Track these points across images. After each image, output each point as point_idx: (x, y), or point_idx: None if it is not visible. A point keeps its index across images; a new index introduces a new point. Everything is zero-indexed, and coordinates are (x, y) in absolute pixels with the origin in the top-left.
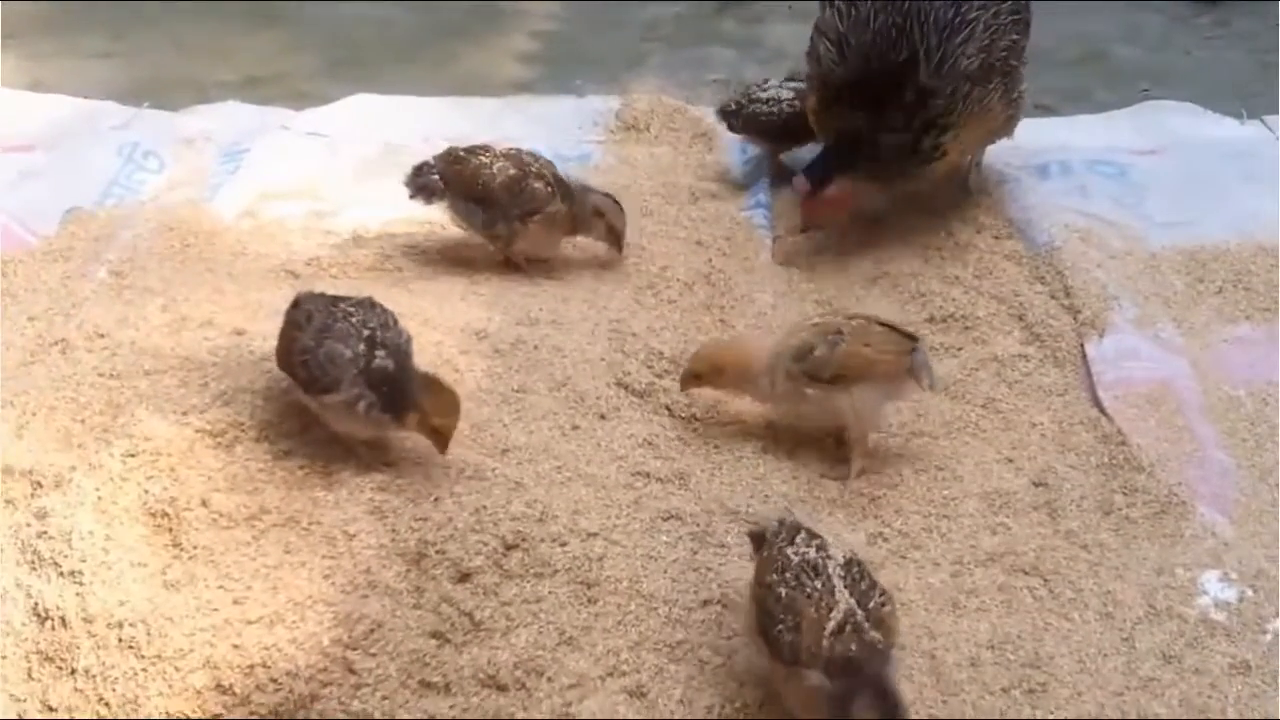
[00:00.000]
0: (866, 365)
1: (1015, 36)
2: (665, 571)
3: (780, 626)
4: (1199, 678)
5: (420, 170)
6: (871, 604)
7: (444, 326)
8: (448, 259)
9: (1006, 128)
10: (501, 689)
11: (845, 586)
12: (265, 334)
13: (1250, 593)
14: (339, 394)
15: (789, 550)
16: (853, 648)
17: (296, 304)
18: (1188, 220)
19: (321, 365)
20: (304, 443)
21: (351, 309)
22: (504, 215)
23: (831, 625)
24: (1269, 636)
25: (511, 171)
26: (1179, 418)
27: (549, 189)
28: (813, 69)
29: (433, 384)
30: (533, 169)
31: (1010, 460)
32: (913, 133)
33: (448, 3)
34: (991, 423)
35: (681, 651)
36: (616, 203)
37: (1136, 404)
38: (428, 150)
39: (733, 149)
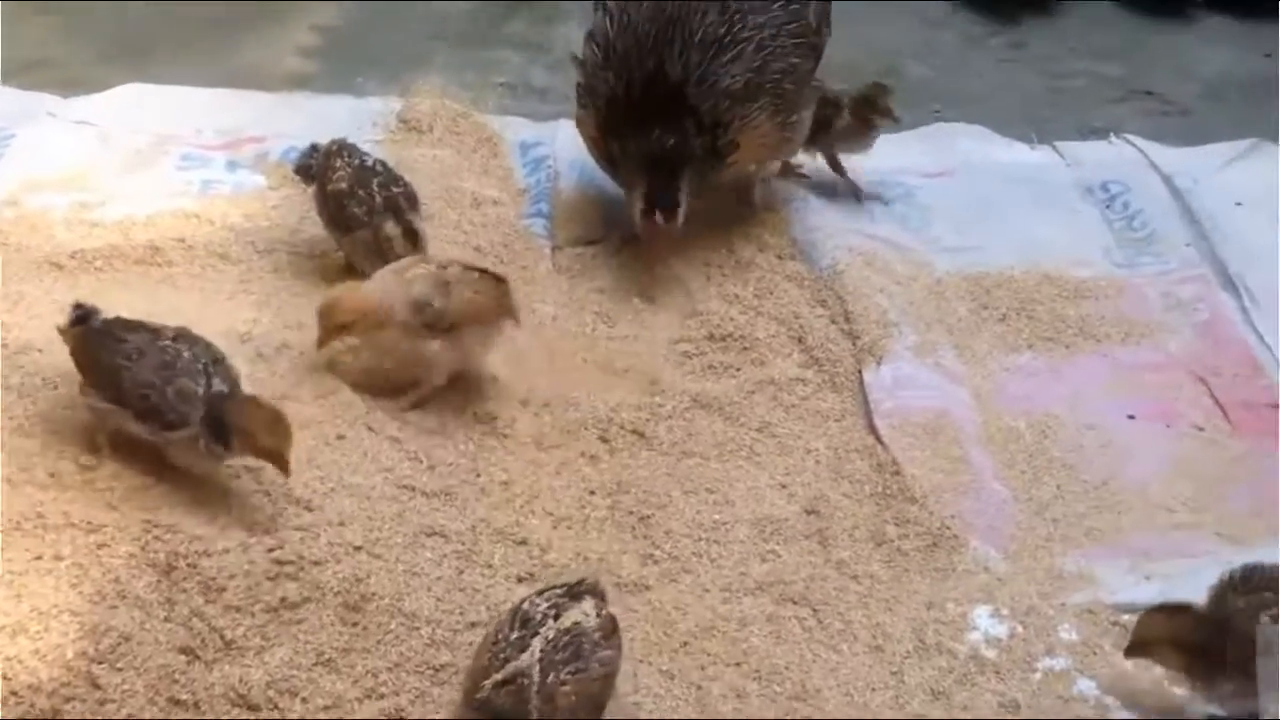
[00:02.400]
0: (479, 312)
1: (795, 60)
2: (429, 590)
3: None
4: (967, 714)
5: (310, 151)
6: (552, 677)
7: (207, 328)
8: (215, 254)
9: (784, 148)
10: (253, 709)
11: (541, 650)
12: (23, 326)
13: (1021, 629)
14: (186, 430)
15: (526, 599)
16: (507, 708)
17: (85, 320)
18: (974, 245)
19: (171, 404)
20: (57, 444)
21: (178, 343)
22: (334, 223)
23: (496, 678)
24: (1038, 675)
25: (343, 185)
26: (955, 448)
27: (367, 214)
28: (580, 75)
29: (251, 404)
30: (362, 192)
31: (784, 486)
32: (706, 132)
33: None
34: (766, 446)
35: (446, 674)
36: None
37: (912, 433)
38: (198, 142)
39: (516, 154)
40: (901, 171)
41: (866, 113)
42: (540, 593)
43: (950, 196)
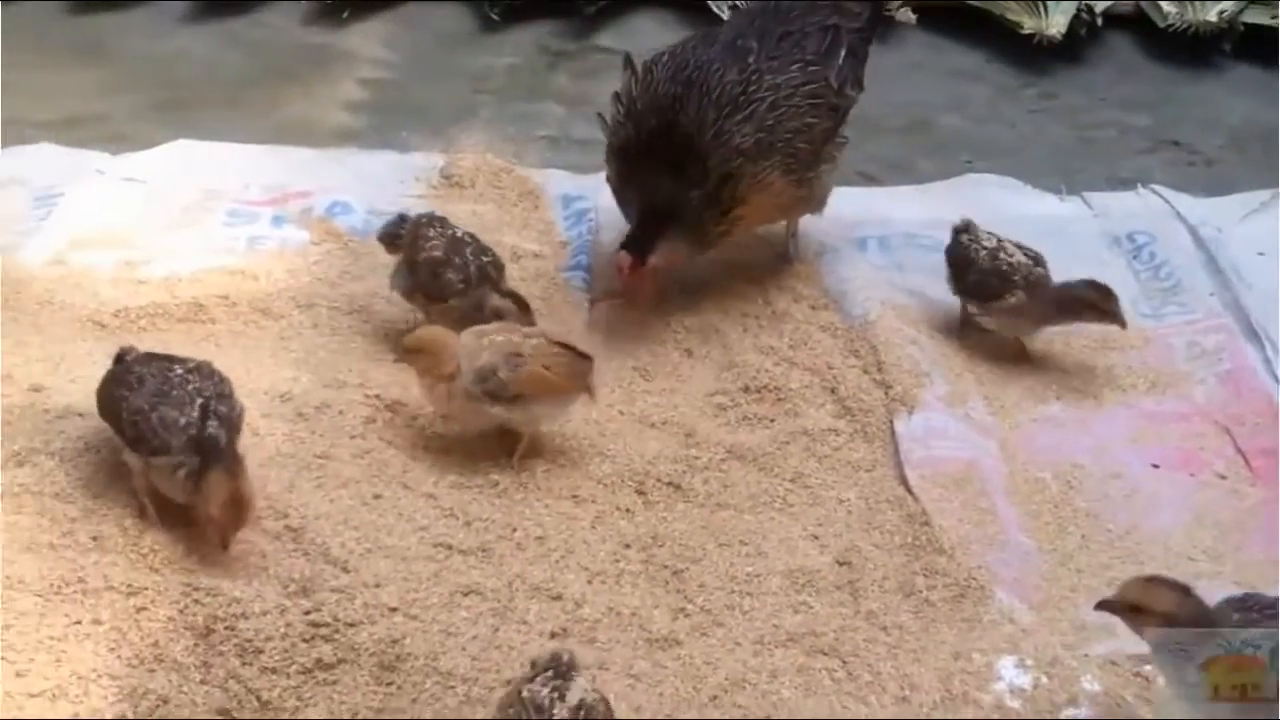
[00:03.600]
0: (546, 387)
1: (812, 120)
2: (464, 649)
3: None
4: None
5: (398, 221)
6: None
7: (248, 387)
8: (257, 311)
9: (803, 206)
10: None
11: None
12: (64, 390)
13: (1045, 680)
14: (168, 457)
15: (524, 687)
16: None
17: (121, 360)
18: None
19: (154, 429)
20: (95, 509)
21: (189, 374)
22: (422, 290)
23: None
24: None
25: (438, 253)
26: (983, 499)
27: (463, 282)
28: (605, 134)
29: (238, 475)
30: (458, 260)
31: (815, 537)
32: (711, 185)
33: (277, 45)
34: (799, 497)
35: None
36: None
37: (942, 484)
38: (245, 197)
39: (558, 207)
40: (933, 224)
41: (1083, 310)
42: (530, 678)
43: None
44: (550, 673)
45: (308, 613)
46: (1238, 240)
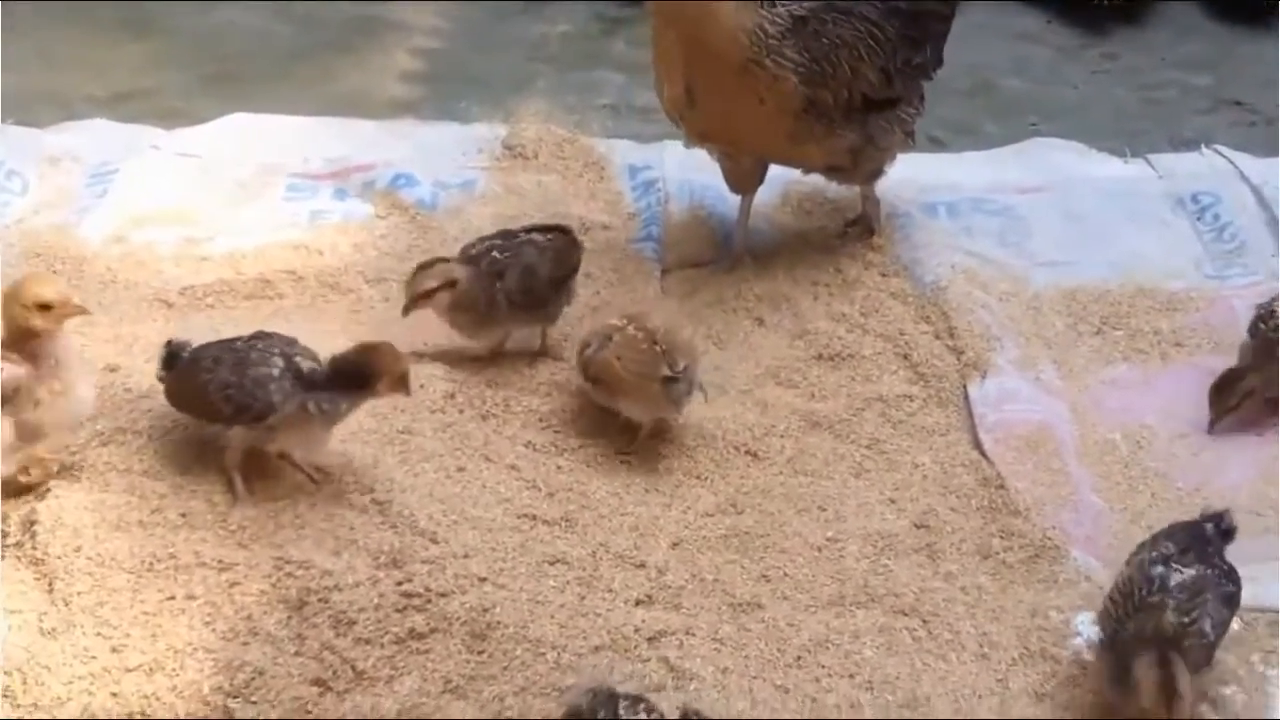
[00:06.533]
0: (613, 379)
1: (862, 54)
2: (553, 616)
3: None
4: (1067, 714)
5: None
6: None
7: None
8: (325, 285)
9: (830, 154)
10: None
11: None
12: (140, 370)
13: None
14: (281, 412)
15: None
16: None
17: (174, 357)
18: (1069, 260)
19: (251, 393)
20: (184, 485)
21: (250, 342)
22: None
23: None
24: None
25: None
26: (1056, 460)
27: None
28: None
29: (365, 347)
30: None
31: (893, 501)
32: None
33: (327, 16)
34: (875, 463)
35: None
36: None
37: (1016, 447)
38: (304, 171)
39: (625, 177)
40: (999, 188)
41: None
42: (609, 712)
43: (1046, 212)
44: (625, 703)
45: (399, 583)
46: None
